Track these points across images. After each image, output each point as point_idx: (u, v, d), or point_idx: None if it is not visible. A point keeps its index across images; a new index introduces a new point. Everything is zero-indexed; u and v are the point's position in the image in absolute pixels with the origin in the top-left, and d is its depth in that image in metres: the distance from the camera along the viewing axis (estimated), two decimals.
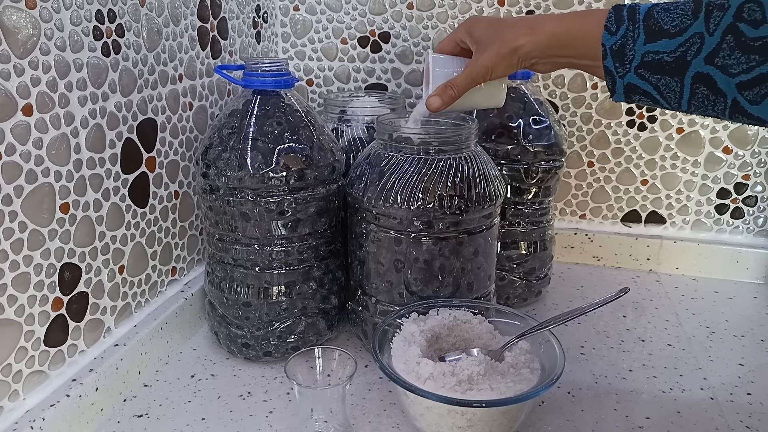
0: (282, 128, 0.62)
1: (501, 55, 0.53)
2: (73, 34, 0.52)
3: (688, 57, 0.43)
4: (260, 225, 0.62)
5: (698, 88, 0.43)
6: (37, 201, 0.50)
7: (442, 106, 0.57)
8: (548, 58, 0.52)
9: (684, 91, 0.44)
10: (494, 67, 0.54)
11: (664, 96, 0.45)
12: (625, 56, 0.46)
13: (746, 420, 0.58)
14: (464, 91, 0.57)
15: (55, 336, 0.53)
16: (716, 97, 0.43)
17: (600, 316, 0.78)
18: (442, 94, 0.57)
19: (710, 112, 0.44)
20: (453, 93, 0.57)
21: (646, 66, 0.45)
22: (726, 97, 0.42)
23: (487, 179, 0.63)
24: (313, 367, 0.56)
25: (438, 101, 0.57)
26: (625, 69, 0.46)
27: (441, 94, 0.57)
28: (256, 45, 0.89)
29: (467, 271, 0.64)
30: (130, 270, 0.63)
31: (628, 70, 0.46)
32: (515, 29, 0.52)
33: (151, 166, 0.65)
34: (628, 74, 0.46)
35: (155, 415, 0.59)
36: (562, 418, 0.58)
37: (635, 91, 0.47)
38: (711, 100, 0.43)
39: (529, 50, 0.52)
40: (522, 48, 0.52)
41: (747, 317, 0.78)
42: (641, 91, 0.46)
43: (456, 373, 0.52)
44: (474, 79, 0.56)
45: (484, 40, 0.54)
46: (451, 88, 0.57)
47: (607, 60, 0.46)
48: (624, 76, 0.46)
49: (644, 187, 0.91)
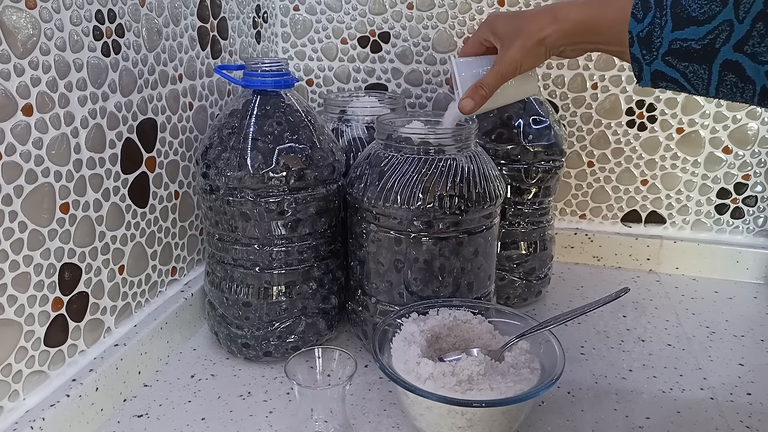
0: (282, 128, 0.62)
1: (527, 48, 0.53)
2: (73, 34, 0.52)
3: (716, 45, 0.42)
4: (260, 225, 0.62)
5: (726, 75, 0.43)
6: (37, 201, 0.50)
7: (476, 107, 0.57)
8: (575, 45, 0.52)
9: (712, 79, 0.44)
10: (522, 61, 0.54)
11: (691, 83, 0.45)
12: (652, 43, 0.45)
13: (746, 420, 0.58)
14: (495, 89, 0.56)
15: (55, 336, 0.53)
16: (745, 84, 0.42)
17: (600, 316, 0.78)
18: (474, 95, 0.56)
19: (738, 98, 0.44)
20: (484, 92, 0.56)
21: (673, 53, 0.44)
22: (755, 85, 0.42)
23: (487, 179, 0.63)
24: (313, 367, 0.56)
25: (470, 103, 0.57)
26: (652, 56, 0.45)
27: (473, 96, 0.57)
28: (256, 45, 0.89)
29: (467, 271, 0.64)
30: (130, 270, 0.63)
31: (655, 58, 0.45)
32: (539, 20, 0.52)
33: (151, 166, 0.65)
34: (655, 61, 0.45)
35: (155, 415, 0.59)
36: (562, 418, 0.58)
37: (662, 78, 0.46)
38: (740, 87, 0.43)
39: (555, 39, 0.51)
40: (548, 38, 0.52)
41: (747, 317, 0.78)
42: (668, 78, 0.46)
43: (456, 373, 0.52)
44: (504, 76, 0.55)
45: (508, 36, 0.54)
46: (481, 87, 0.56)
47: (634, 47, 0.46)
48: (651, 63, 0.46)
49: (644, 187, 0.91)
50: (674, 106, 0.86)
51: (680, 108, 0.86)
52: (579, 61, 0.87)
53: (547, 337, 0.56)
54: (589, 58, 0.87)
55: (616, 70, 0.87)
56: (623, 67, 0.86)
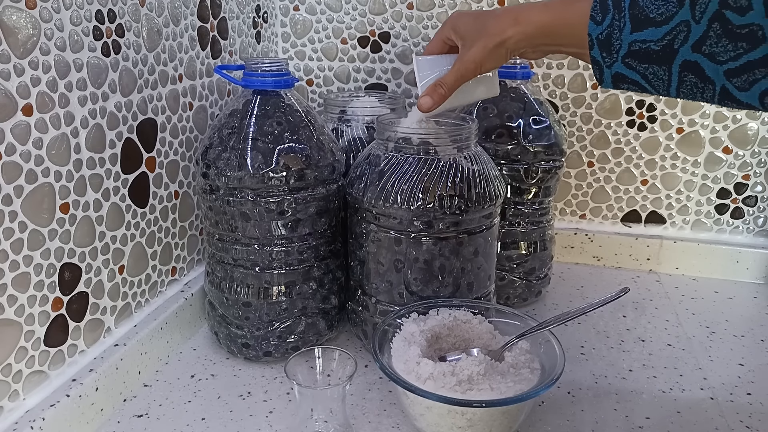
0: (282, 128, 0.62)
1: (488, 50, 0.53)
2: (73, 34, 0.52)
3: (675, 45, 0.42)
4: (260, 225, 0.62)
5: (686, 76, 0.43)
6: (37, 201, 0.50)
7: (434, 106, 0.57)
8: (536, 47, 0.52)
9: (672, 79, 0.44)
10: (483, 62, 0.54)
11: (652, 84, 0.45)
12: (611, 46, 0.45)
13: (746, 420, 0.58)
14: (454, 88, 0.57)
15: (55, 336, 0.53)
16: (705, 84, 0.43)
17: (600, 316, 0.78)
18: (432, 93, 0.57)
19: (699, 98, 0.44)
20: (443, 91, 0.57)
21: (633, 55, 0.44)
22: (715, 85, 0.42)
23: (487, 179, 0.63)
24: (313, 367, 0.56)
25: (429, 101, 0.57)
26: (612, 59, 0.45)
27: (431, 94, 0.57)
28: (256, 45, 0.89)
29: (467, 271, 0.64)
30: (130, 270, 0.63)
31: (615, 60, 0.45)
32: (500, 21, 0.52)
33: (151, 166, 0.65)
34: (615, 64, 0.45)
35: (155, 415, 0.59)
36: (562, 418, 0.58)
37: (623, 80, 0.46)
38: (700, 88, 0.43)
39: (516, 42, 0.52)
40: (509, 40, 0.52)
41: (747, 317, 0.78)
42: (629, 80, 0.46)
43: (456, 373, 0.52)
44: (463, 76, 0.56)
45: (470, 36, 0.54)
46: (441, 86, 0.57)
47: (594, 50, 0.46)
48: (611, 65, 0.46)
49: (644, 187, 0.91)
50: (674, 106, 0.86)
51: (680, 108, 0.86)
52: (579, 61, 0.87)
53: (547, 337, 0.56)
54: None
55: None
56: None
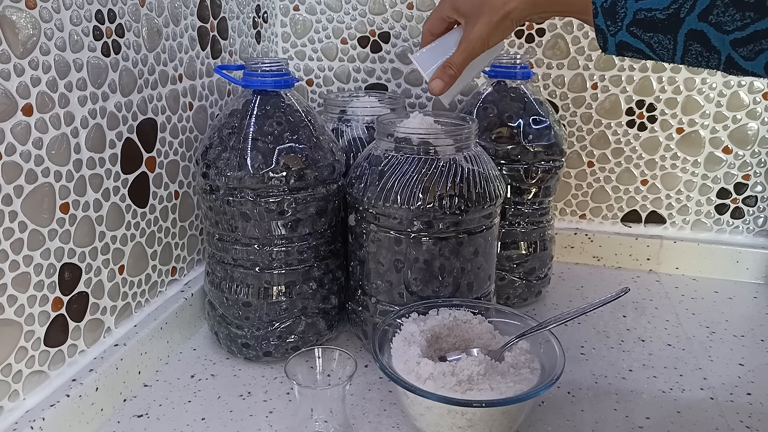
0: (282, 128, 0.62)
1: (494, 23, 0.53)
2: (73, 34, 0.52)
3: (681, 14, 0.42)
4: (260, 225, 0.62)
5: (691, 45, 0.43)
6: (37, 201, 0.50)
7: (446, 87, 0.57)
8: (541, 13, 0.52)
9: (677, 48, 0.44)
10: (489, 37, 0.54)
11: (656, 53, 0.45)
12: (616, 14, 0.45)
13: (746, 420, 0.58)
14: (463, 67, 0.57)
15: (55, 336, 0.53)
16: (710, 53, 0.43)
17: (600, 316, 0.78)
18: (442, 75, 0.57)
19: (704, 66, 0.44)
20: (452, 72, 0.57)
21: (638, 24, 0.44)
22: (720, 54, 0.42)
23: (487, 179, 0.63)
24: (313, 367, 0.56)
25: (440, 84, 0.57)
26: (616, 27, 0.45)
27: (441, 76, 0.57)
28: (256, 45, 0.89)
29: (467, 271, 0.64)
30: (130, 270, 0.63)
31: (620, 29, 0.45)
32: None
33: (151, 166, 0.65)
34: (619, 32, 0.45)
35: (155, 415, 0.59)
36: (562, 418, 0.58)
37: (627, 48, 0.46)
38: (705, 56, 0.43)
39: (521, 11, 0.52)
40: (514, 11, 0.52)
41: (747, 317, 0.78)
42: (633, 48, 0.46)
43: (456, 373, 0.52)
44: (471, 54, 0.56)
45: (472, 12, 0.54)
46: (449, 67, 0.57)
47: (598, 18, 0.46)
48: (616, 34, 0.46)
49: (644, 187, 0.91)
50: (674, 106, 0.86)
51: (680, 108, 0.86)
52: (579, 61, 0.87)
53: (547, 337, 0.56)
54: (589, 58, 0.87)
55: (616, 70, 0.87)
56: (623, 67, 0.86)
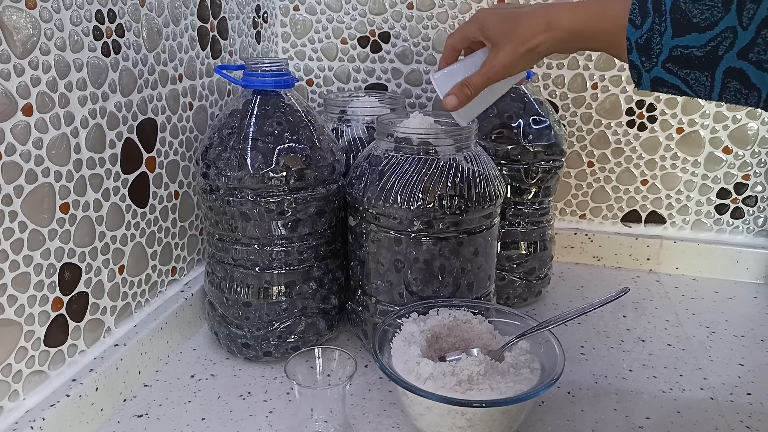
0: (282, 128, 0.62)
1: (519, 54, 0.52)
2: (73, 34, 0.52)
3: (719, 52, 0.41)
4: (260, 225, 0.62)
5: (730, 82, 0.42)
6: (37, 201, 0.50)
7: (459, 105, 0.56)
8: (569, 50, 0.52)
9: (714, 85, 0.43)
10: (512, 67, 0.53)
11: (693, 89, 0.44)
12: (651, 50, 0.44)
13: (746, 420, 0.58)
14: (480, 90, 0.56)
15: (55, 336, 0.53)
16: (749, 91, 0.41)
17: (600, 316, 0.78)
18: (458, 93, 0.56)
19: (742, 103, 0.43)
20: (468, 92, 0.56)
21: (674, 60, 0.43)
22: (761, 92, 0.41)
23: (487, 179, 0.63)
24: (313, 367, 0.56)
25: (454, 100, 0.56)
26: (651, 63, 0.44)
27: (457, 94, 0.56)
28: (256, 45, 0.89)
29: (467, 271, 0.64)
30: (130, 270, 0.63)
31: (655, 64, 0.44)
32: (532, 25, 0.51)
33: (151, 166, 0.65)
34: (654, 68, 0.44)
35: (155, 415, 0.59)
36: (562, 418, 0.58)
37: (663, 84, 0.45)
38: (743, 94, 0.42)
39: (547, 47, 0.51)
40: (540, 46, 0.51)
41: (747, 317, 0.78)
42: (669, 84, 0.45)
43: (456, 373, 0.52)
44: (490, 79, 0.55)
45: (499, 39, 0.53)
46: (467, 87, 0.56)
47: (633, 54, 0.45)
48: (651, 70, 0.44)
49: (644, 187, 0.91)
50: (674, 106, 0.86)
51: (680, 108, 0.86)
52: (579, 61, 0.87)
53: (547, 337, 0.56)
54: (589, 58, 0.87)
55: (616, 70, 0.87)
56: (623, 67, 0.86)
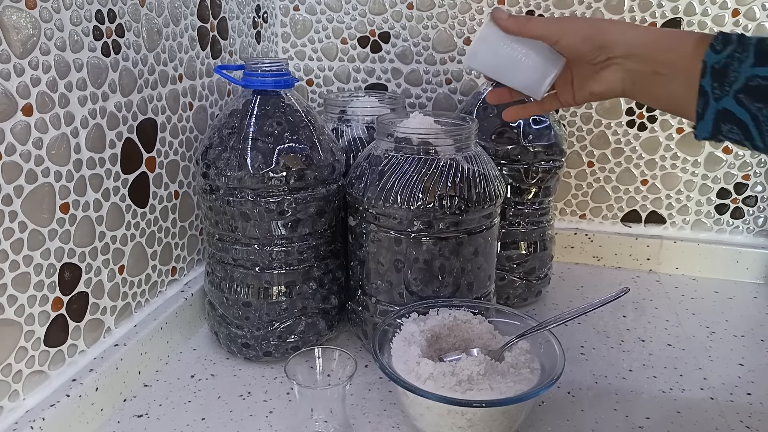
0: (282, 128, 0.62)
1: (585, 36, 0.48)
2: (73, 34, 0.52)
3: None
4: (260, 225, 0.62)
5: None
6: (37, 201, 0.50)
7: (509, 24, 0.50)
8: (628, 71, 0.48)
9: None
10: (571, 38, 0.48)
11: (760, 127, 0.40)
12: (726, 77, 0.41)
13: (746, 420, 0.58)
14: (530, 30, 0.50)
15: (55, 336, 0.53)
16: None
17: (600, 316, 0.78)
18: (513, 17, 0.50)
19: None
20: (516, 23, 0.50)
21: (748, 91, 0.40)
22: None
23: (487, 179, 0.63)
24: (313, 367, 0.56)
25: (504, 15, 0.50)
26: (723, 91, 0.41)
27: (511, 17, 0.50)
28: (256, 45, 0.89)
29: (467, 271, 0.64)
30: (130, 270, 0.63)
31: (727, 93, 0.41)
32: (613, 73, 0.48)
33: (151, 166, 0.65)
34: (725, 98, 0.41)
35: (155, 415, 0.59)
36: (562, 418, 0.58)
37: (728, 119, 0.42)
38: None
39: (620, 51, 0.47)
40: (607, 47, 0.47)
41: (747, 317, 0.78)
42: (735, 119, 0.41)
43: (456, 373, 0.52)
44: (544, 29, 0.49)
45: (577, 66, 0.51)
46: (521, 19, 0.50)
47: (705, 79, 0.42)
48: (720, 99, 0.41)
49: (644, 187, 0.91)
50: None
51: None
52: None
53: (547, 337, 0.56)
54: None
55: None
56: None
